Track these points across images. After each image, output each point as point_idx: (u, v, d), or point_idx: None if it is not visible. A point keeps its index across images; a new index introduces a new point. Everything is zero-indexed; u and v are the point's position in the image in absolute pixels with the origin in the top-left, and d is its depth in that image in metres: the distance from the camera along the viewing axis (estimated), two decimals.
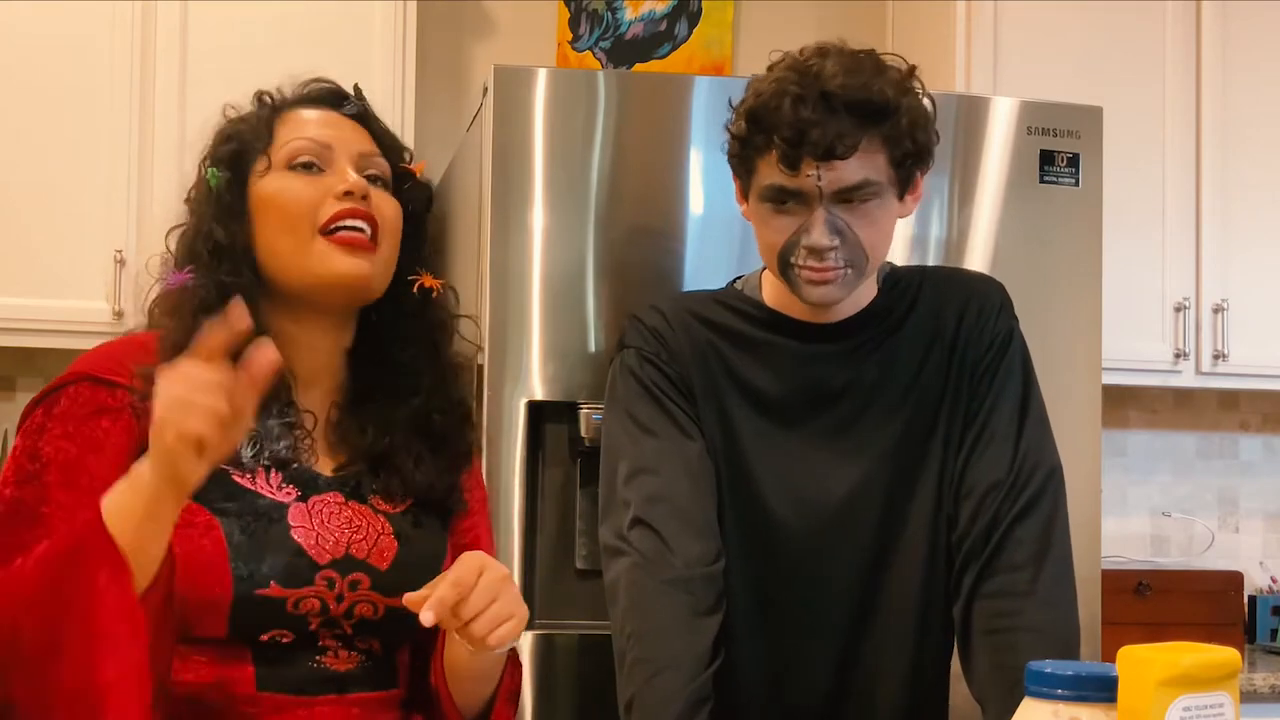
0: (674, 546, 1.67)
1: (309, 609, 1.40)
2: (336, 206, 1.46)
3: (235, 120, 1.55)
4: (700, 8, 3.45)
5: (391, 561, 1.46)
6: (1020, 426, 1.74)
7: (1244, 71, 3.27)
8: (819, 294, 1.67)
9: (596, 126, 2.33)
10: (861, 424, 1.75)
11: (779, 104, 1.60)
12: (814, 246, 1.63)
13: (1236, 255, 3.25)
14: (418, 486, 1.51)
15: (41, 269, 2.86)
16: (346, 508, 1.46)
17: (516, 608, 1.35)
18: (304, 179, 1.48)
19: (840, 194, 1.62)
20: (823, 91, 1.59)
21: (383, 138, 1.56)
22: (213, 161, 1.53)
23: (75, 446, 1.38)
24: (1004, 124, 2.47)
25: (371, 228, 1.47)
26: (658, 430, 1.74)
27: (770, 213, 1.66)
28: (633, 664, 1.64)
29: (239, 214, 1.48)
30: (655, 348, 1.77)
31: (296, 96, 1.56)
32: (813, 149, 1.59)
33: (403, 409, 1.52)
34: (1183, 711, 0.92)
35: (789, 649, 1.76)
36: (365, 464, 1.50)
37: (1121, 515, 3.55)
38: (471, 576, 1.31)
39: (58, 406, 1.41)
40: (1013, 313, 1.80)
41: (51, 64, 2.89)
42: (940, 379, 1.76)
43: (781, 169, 1.62)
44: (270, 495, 1.42)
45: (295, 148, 1.49)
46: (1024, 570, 1.68)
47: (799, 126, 1.59)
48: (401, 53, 2.99)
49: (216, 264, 1.46)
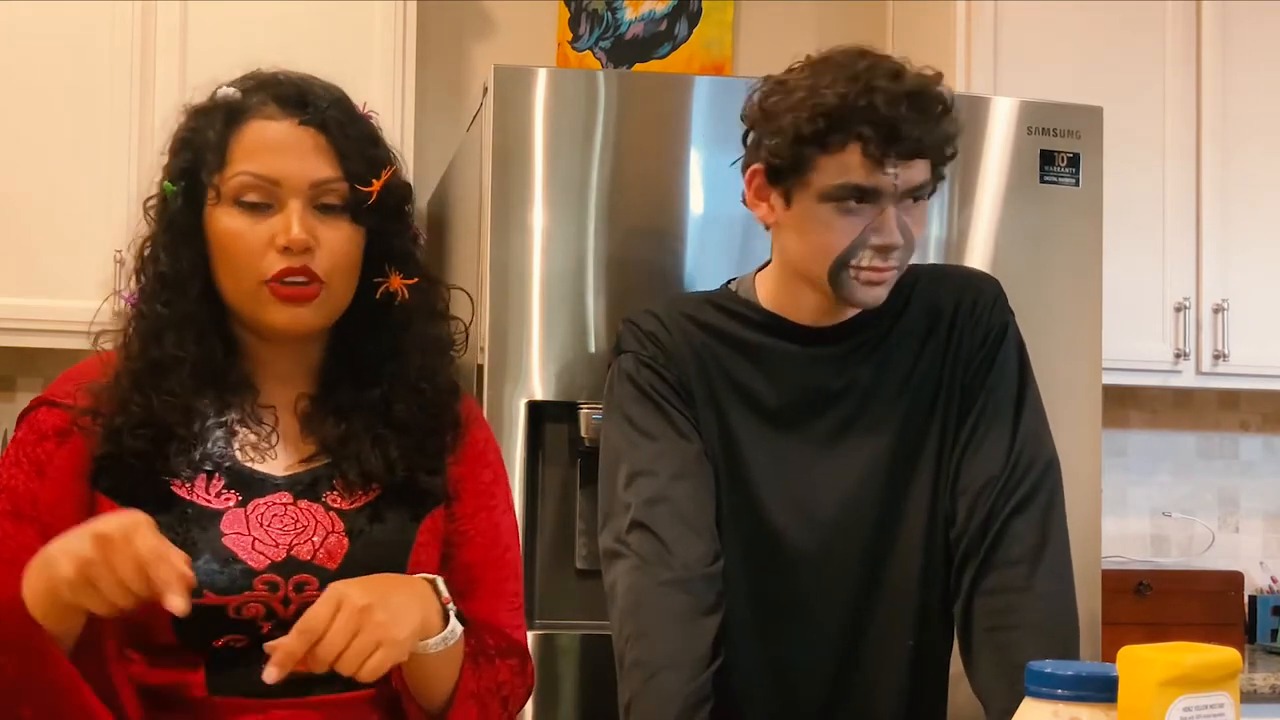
0: (673, 549, 1.67)
1: (253, 614, 1.39)
2: (278, 263, 1.42)
3: (192, 121, 1.49)
4: (700, 8, 3.45)
5: (341, 560, 1.43)
6: (1016, 420, 1.74)
7: (1244, 71, 3.26)
8: (874, 295, 1.67)
9: (596, 126, 2.33)
10: (858, 426, 1.75)
11: (869, 100, 1.58)
12: (889, 245, 1.63)
13: (1236, 255, 3.25)
14: (376, 472, 1.47)
15: (41, 269, 2.86)
16: (293, 508, 1.44)
17: (383, 634, 1.27)
18: (250, 220, 1.43)
19: (909, 193, 1.63)
20: (909, 91, 1.59)
21: (346, 148, 1.46)
22: (169, 172, 1.48)
23: (22, 473, 1.41)
24: (1004, 124, 2.47)
25: (310, 277, 1.43)
26: (656, 433, 1.74)
27: (834, 213, 1.63)
28: (632, 665, 1.64)
29: (192, 238, 1.45)
30: (652, 352, 1.76)
31: (259, 100, 1.46)
32: (901, 146, 1.59)
33: (363, 398, 1.50)
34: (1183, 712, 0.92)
35: (788, 650, 1.76)
36: (326, 457, 1.48)
37: (1121, 515, 3.55)
38: (322, 621, 1.26)
39: (19, 432, 1.44)
40: (1007, 307, 1.80)
41: (51, 64, 2.89)
42: (934, 376, 1.76)
43: (865, 166, 1.60)
44: (205, 503, 1.41)
45: (242, 184, 1.43)
46: (1021, 565, 1.68)
47: (893, 123, 1.58)
48: (401, 53, 2.98)
49: (158, 290, 1.45)
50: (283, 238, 1.41)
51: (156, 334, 1.44)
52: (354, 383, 1.51)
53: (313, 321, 1.46)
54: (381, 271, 1.50)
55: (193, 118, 1.49)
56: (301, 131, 1.45)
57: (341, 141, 1.46)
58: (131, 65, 2.91)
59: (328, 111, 1.46)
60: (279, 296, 1.43)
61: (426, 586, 1.37)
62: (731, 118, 2.39)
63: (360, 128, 1.49)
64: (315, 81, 1.50)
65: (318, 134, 1.45)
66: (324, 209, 1.44)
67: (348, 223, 1.45)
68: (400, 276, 1.50)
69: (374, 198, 1.46)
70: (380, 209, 1.47)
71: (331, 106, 1.47)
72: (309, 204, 1.44)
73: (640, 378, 1.76)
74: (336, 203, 1.45)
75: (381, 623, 1.27)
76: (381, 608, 1.28)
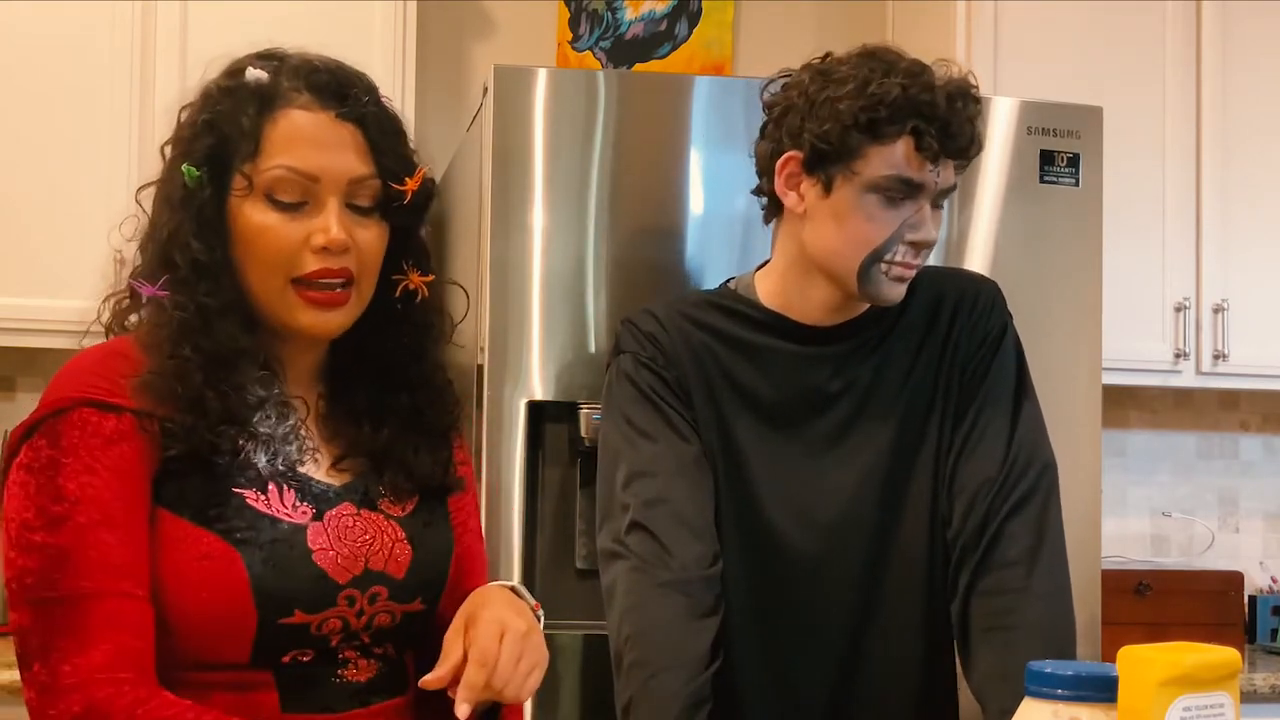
0: (672, 550, 1.67)
1: (331, 629, 1.38)
2: (314, 263, 1.36)
3: (219, 103, 1.39)
4: (700, 8, 3.45)
5: (407, 569, 1.43)
6: (1013, 423, 1.74)
7: (1244, 71, 3.26)
8: (899, 292, 1.70)
9: (596, 126, 2.33)
10: (857, 428, 1.75)
11: (932, 97, 1.61)
12: (925, 241, 1.66)
13: (1236, 255, 3.25)
14: (422, 476, 1.47)
15: (41, 269, 2.86)
16: (359, 518, 1.42)
17: (539, 656, 1.35)
18: (283, 218, 1.36)
19: (943, 193, 1.67)
20: (961, 91, 1.62)
21: (382, 144, 1.41)
22: (190, 156, 1.38)
23: (101, 480, 1.29)
24: (1004, 124, 2.47)
25: (348, 279, 1.39)
26: (655, 434, 1.74)
27: (878, 205, 1.65)
28: (630, 666, 1.64)
29: (219, 228, 1.37)
30: (651, 352, 1.76)
31: (293, 87, 1.39)
32: (953, 143, 1.62)
33: (392, 403, 1.47)
34: (1183, 711, 0.92)
35: (789, 651, 1.76)
36: (368, 462, 1.46)
37: (1121, 515, 3.55)
38: (494, 646, 1.30)
39: (64, 439, 1.30)
40: (1005, 309, 1.80)
41: (51, 64, 2.89)
42: (932, 377, 1.76)
43: (915, 160, 1.62)
44: (287, 518, 1.36)
45: (277, 178, 1.35)
46: (1018, 566, 1.68)
47: (948, 120, 1.61)
48: (401, 53, 2.99)
49: (196, 280, 1.36)
50: (321, 237, 1.36)
51: (207, 324, 1.35)
52: (378, 385, 1.47)
53: (340, 324, 1.41)
54: (397, 269, 1.46)
55: (218, 99, 1.40)
56: (340, 126, 1.38)
57: (378, 138, 1.41)
58: (131, 65, 2.91)
59: (366, 105, 1.40)
60: (307, 300, 1.37)
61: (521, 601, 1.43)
62: (732, 118, 2.39)
63: (394, 123, 1.44)
64: (348, 70, 1.44)
65: (355, 129, 1.39)
66: (356, 208, 1.39)
67: (377, 222, 1.41)
68: (418, 274, 1.47)
69: (408, 197, 1.42)
70: (410, 208, 1.43)
71: (370, 101, 1.41)
72: (344, 202, 1.38)
73: (639, 378, 1.76)
74: (369, 203, 1.40)
75: (537, 644, 1.36)
76: (534, 630, 1.36)
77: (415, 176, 1.42)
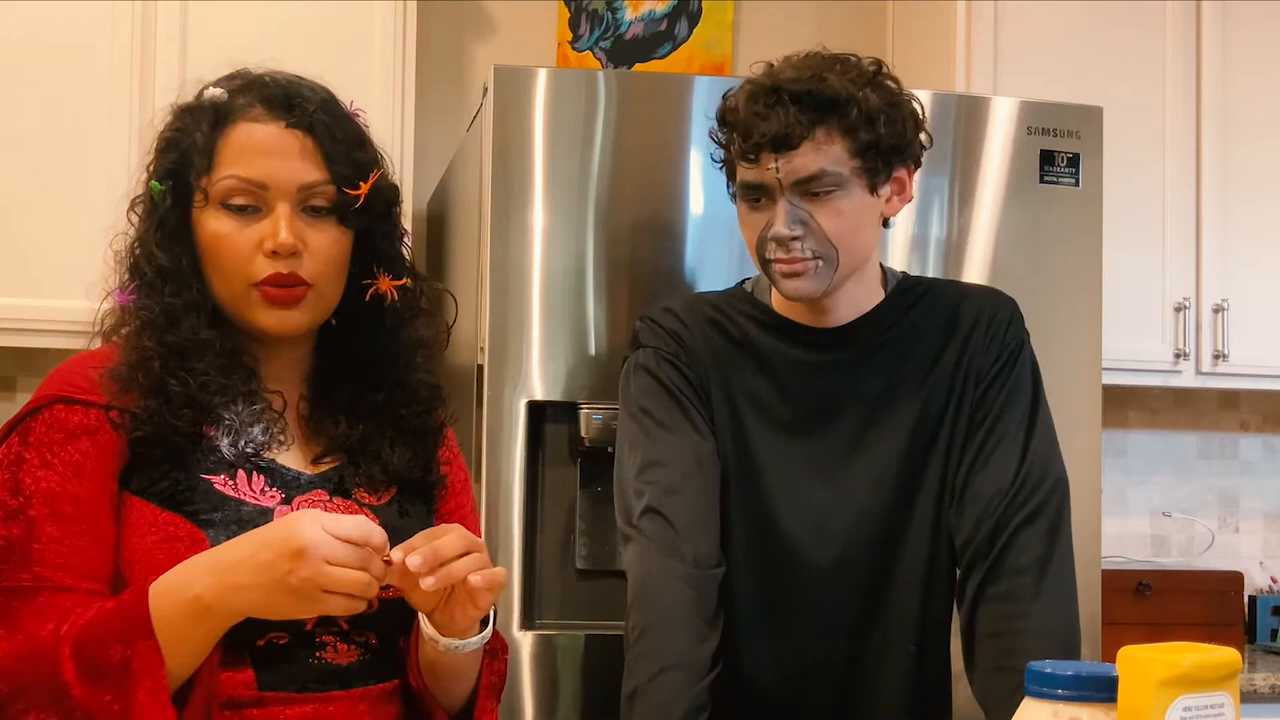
0: (684, 536, 1.70)
1: None
2: (267, 268, 1.43)
3: (179, 121, 1.50)
4: (700, 8, 3.45)
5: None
6: (1028, 437, 1.76)
7: (1244, 72, 3.26)
8: (792, 286, 1.70)
9: (596, 126, 2.33)
10: (868, 436, 1.77)
11: (737, 103, 1.70)
12: (777, 236, 1.68)
13: (1236, 255, 3.25)
14: (397, 470, 1.51)
15: (41, 269, 2.85)
16: (332, 505, 1.45)
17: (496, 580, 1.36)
18: (237, 223, 1.43)
19: (799, 185, 1.67)
20: (773, 86, 1.67)
21: (333, 151, 1.46)
22: (155, 171, 1.49)
23: (56, 475, 1.37)
24: (1004, 124, 2.47)
25: (301, 281, 1.44)
26: (672, 426, 1.76)
27: (746, 211, 1.73)
28: (638, 656, 1.66)
29: (183, 237, 1.46)
30: (674, 349, 1.79)
31: (246, 102, 1.47)
32: (766, 140, 1.65)
33: (369, 400, 1.52)
34: (1183, 711, 0.92)
35: (793, 654, 1.78)
36: (344, 456, 1.50)
37: (1121, 515, 3.55)
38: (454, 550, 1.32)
39: (32, 434, 1.39)
40: (1023, 326, 1.82)
41: (51, 64, 2.89)
42: (945, 389, 1.77)
43: (745, 164, 1.68)
44: (255, 501, 1.41)
45: (228, 187, 1.44)
46: (1028, 574, 1.69)
47: (752, 120, 1.66)
48: (401, 53, 2.98)
49: (161, 285, 1.45)
50: (270, 242, 1.43)
51: (171, 321, 1.43)
52: (355, 384, 1.52)
53: (301, 322, 1.47)
54: (371, 273, 1.51)
55: (179, 117, 1.50)
56: (289, 134, 1.45)
57: (329, 144, 1.46)
58: (131, 65, 2.91)
59: (315, 114, 1.46)
60: (267, 299, 1.44)
61: None
62: None
63: (347, 129, 1.49)
64: (303, 82, 1.50)
65: (305, 137, 1.45)
66: (311, 212, 1.45)
67: (335, 225, 1.47)
68: (389, 278, 1.52)
69: (361, 200, 1.47)
70: (368, 211, 1.48)
71: (319, 109, 1.47)
72: (297, 207, 1.44)
73: (660, 372, 1.78)
74: (324, 205, 1.46)
75: (498, 573, 1.36)
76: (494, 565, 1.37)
77: (369, 180, 1.47)
